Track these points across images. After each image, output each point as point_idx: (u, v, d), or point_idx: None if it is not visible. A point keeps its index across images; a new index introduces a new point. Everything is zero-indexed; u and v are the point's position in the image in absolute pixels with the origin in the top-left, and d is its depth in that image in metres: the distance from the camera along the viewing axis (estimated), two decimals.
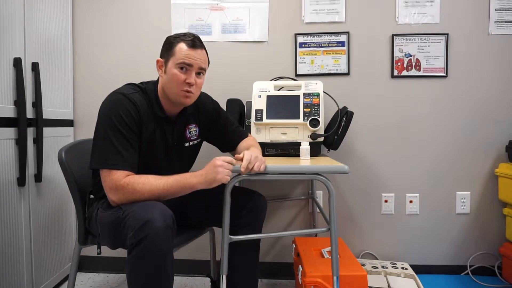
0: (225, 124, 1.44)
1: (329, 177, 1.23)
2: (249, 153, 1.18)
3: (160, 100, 1.25)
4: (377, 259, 1.90)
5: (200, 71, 1.23)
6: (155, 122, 1.23)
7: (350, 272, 1.39)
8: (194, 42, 1.21)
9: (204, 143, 1.48)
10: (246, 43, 1.94)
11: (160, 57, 1.25)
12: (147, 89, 1.25)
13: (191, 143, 1.37)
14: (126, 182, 1.10)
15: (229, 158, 1.17)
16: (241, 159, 1.16)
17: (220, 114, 1.44)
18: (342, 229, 1.92)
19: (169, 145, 1.28)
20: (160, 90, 1.25)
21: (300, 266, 1.50)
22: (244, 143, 1.42)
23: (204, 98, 1.41)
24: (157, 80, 1.28)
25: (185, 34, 1.22)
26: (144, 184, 1.10)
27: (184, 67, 1.19)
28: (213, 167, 1.13)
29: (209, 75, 1.91)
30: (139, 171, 1.16)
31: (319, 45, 1.91)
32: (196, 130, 1.38)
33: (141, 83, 1.28)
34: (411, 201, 1.91)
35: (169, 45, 1.22)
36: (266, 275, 1.94)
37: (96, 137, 1.16)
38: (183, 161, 1.37)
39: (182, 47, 1.19)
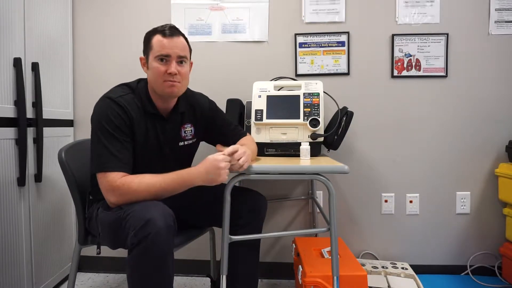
0: (222, 124, 1.43)
1: (329, 177, 1.23)
2: (236, 147, 1.18)
3: (151, 97, 1.25)
4: (377, 259, 1.90)
5: (181, 59, 1.21)
6: (147, 120, 1.23)
7: (350, 272, 1.39)
8: (170, 30, 1.19)
9: (204, 144, 1.48)
10: (246, 43, 1.94)
11: (143, 54, 1.26)
12: (139, 88, 1.25)
13: (185, 142, 1.36)
14: (122, 182, 1.09)
15: (228, 157, 1.15)
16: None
17: (217, 114, 1.43)
18: (342, 229, 1.92)
19: (162, 144, 1.28)
20: (149, 87, 1.25)
21: (300, 266, 1.50)
22: (239, 143, 1.41)
23: (201, 98, 1.40)
24: None
25: (162, 26, 1.21)
26: (140, 183, 1.10)
27: (163, 58, 1.18)
28: (216, 168, 1.12)
29: (209, 75, 1.93)
30: (135, 171, 1.16)
31: (319, 45, 1.91)
32: (191, 130, 1.37)
33: (134, 81, 1.29)
34: (411, 201, 1.91)
35: (146, 40, 1.23)
36: (266, 275, 1.94)
37: (91, 143, 1.17)
38: (179, 160, 1.36)
39: (158, 39, 1.19)
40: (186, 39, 1.25)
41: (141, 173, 1.14)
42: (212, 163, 1.13)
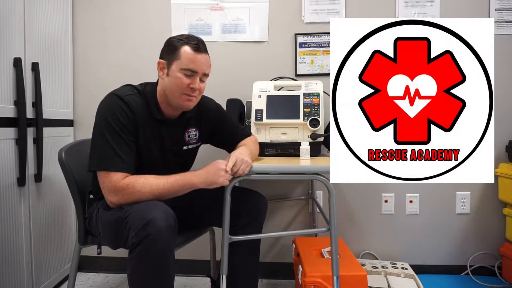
0: (229, 128, 1.43)
1: (329, 177, 1.23)
2: (234, 157, 1.17)
3: (159, 103, 1.24)
4: (377, 259, 1.90)
5: (204, 76, 1.22)
6: (152, 124, 1.22)
7: (350, 272, 1.39)
8: (199, 46, 1.18)
9: (206, 147, 1.47)
10: (246, 43, 1.94)
11: (162, 58, 1.22)
12: (145, 91, 1.23)
13: (189, 146, 1.35)
14: (126, 183, 1.09)
15: (230, 164, 1.16)
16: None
17: (224, 119, 1.43)
18: (342, 229, 1.91)
19: (166, 148, 1.27)
20: (160, 93, 1.23)
21: (300, 266, 1.50)
22: (241, 143, 1.41)
23: (208, 103, 1.39)
24: (157, 82, 1.26)
25: (188, 37, 1.19)
26: (144, 184, 1.10)
27: (190, 72, 1.17)
28: (216, 170, 1.14)
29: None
30: (136, 172, 1.16)
31: (319, 45, 1.91)
32: (196, 134, 1.36)
33: (140, 84, 1.27)
34: (411, 201, 1.91)
35: (172, 47, 1.19)
36: (266, 275, 1.94)
37: (94, 139, 1.16)
38: (181, 164, 1.36)
39: (187, 51, 1.16)
40: (209, 55, 1.24)
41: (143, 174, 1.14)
42: (214, 164, 1.15)
